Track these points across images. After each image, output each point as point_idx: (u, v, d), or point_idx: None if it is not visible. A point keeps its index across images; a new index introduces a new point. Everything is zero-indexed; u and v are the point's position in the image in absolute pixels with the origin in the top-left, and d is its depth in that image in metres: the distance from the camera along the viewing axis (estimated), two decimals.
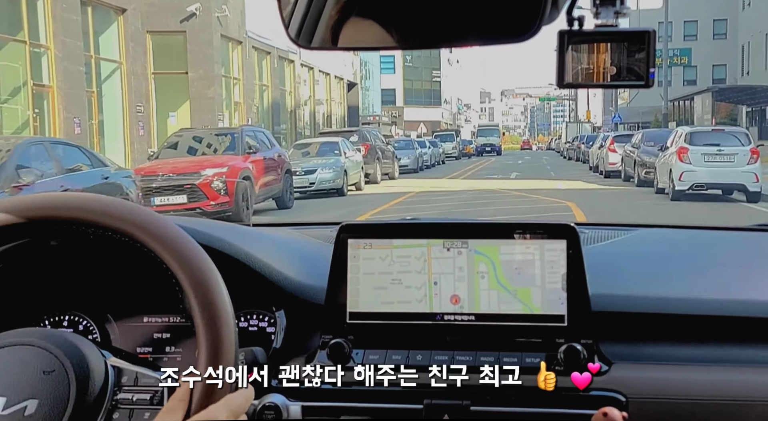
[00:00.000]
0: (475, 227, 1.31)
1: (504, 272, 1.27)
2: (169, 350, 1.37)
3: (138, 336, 1.38)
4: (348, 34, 0.89)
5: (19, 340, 1.05)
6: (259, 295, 1.35)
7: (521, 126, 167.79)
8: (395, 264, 1.30)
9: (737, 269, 1.44)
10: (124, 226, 1.04)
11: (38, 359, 1.02)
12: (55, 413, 0.98)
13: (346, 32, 0.89)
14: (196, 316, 0.99)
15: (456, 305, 1.28)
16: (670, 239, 1.70)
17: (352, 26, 0.88)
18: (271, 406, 1.21)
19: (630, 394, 1.19)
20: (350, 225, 1.33)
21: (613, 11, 0.94)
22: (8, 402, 0.97)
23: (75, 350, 1.05)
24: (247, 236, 1.42)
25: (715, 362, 1.23)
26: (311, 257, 1.44)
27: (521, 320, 1.26)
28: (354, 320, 1.30)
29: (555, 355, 1.21)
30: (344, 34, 0.89)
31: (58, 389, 1.00)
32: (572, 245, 1.26)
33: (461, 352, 1.25)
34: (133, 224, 1.04)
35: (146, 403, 1.08)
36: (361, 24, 0.88)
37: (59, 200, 1.08)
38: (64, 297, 1.39)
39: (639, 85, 0.96)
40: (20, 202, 1.08)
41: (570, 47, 0.93)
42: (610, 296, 1.30)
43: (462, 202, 14.55)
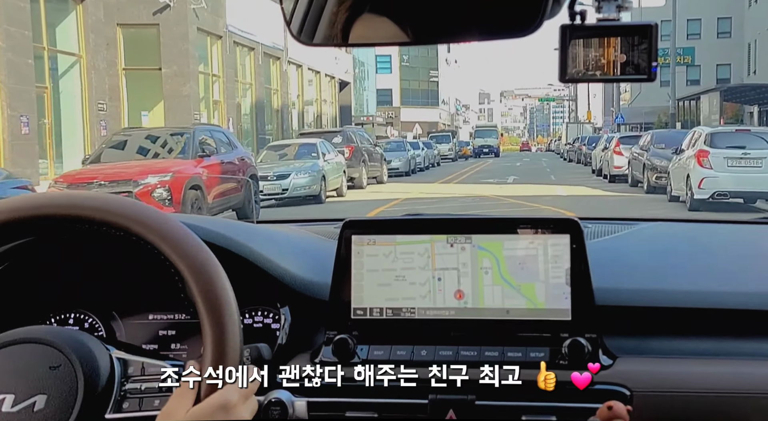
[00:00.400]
0: (479, 223, 1.32)
1: (508, 267, 1.28)
2: (175, 347, 1.39)
3: (143, 333, 1.41)
4: (350, 30, 0.89)
5: (24, 337, 1.06)
6: (263, 291, 1.36)
7: (520, 127, 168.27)
8: (399, 260, 1.31)
9: (741, 261, 1.45)
10: (128, 223, 1.06)
11: (44, 355, 1.03)
12: (64, 407, 0.99)
13: (348, 29, 0.90)
14: (200, 311, 1.00)
15: (460, 300, 1.29)
16: (673, 232, 1.71)
17: (354, 23, 0.89)
18: (276, 402, 1.22)
19: (635, 388, 1.19)
20: (354, 221, 1.34)
21: (615, 5, 0.95)
22: (17, 399, 0.99)
23: (80, 345, 1.06)
24: (250, 233, 1.42)
25: (720, 356, 1.23)
26: (315, 254, 1.44)
27: (525, 314, 1.27)
28: (358, 316, 1.31)
29: (559, 349, 1.23)
30: (346, 30, 0.90)
31: (65, 384, 1.01)
32: (576, 240, 1.27)
33: (465, 347, 1.26)
34: (135, 220, 1.06)
35: (155, 391, 1.08)
36: (363, 20, 0.89)
37: (59, 199, 1.10)
38: (69, 295, 1.41)
39: (641, 79, 0.96)
40: (19, 201, 1.11)
41: (572, 42, 0.94)
42: (614, 290, 1.30)
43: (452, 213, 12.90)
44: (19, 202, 1.10)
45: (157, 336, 1.41)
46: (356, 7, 0.89)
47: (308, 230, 1.66)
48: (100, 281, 1.41)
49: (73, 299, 1.41)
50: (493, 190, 17.43)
